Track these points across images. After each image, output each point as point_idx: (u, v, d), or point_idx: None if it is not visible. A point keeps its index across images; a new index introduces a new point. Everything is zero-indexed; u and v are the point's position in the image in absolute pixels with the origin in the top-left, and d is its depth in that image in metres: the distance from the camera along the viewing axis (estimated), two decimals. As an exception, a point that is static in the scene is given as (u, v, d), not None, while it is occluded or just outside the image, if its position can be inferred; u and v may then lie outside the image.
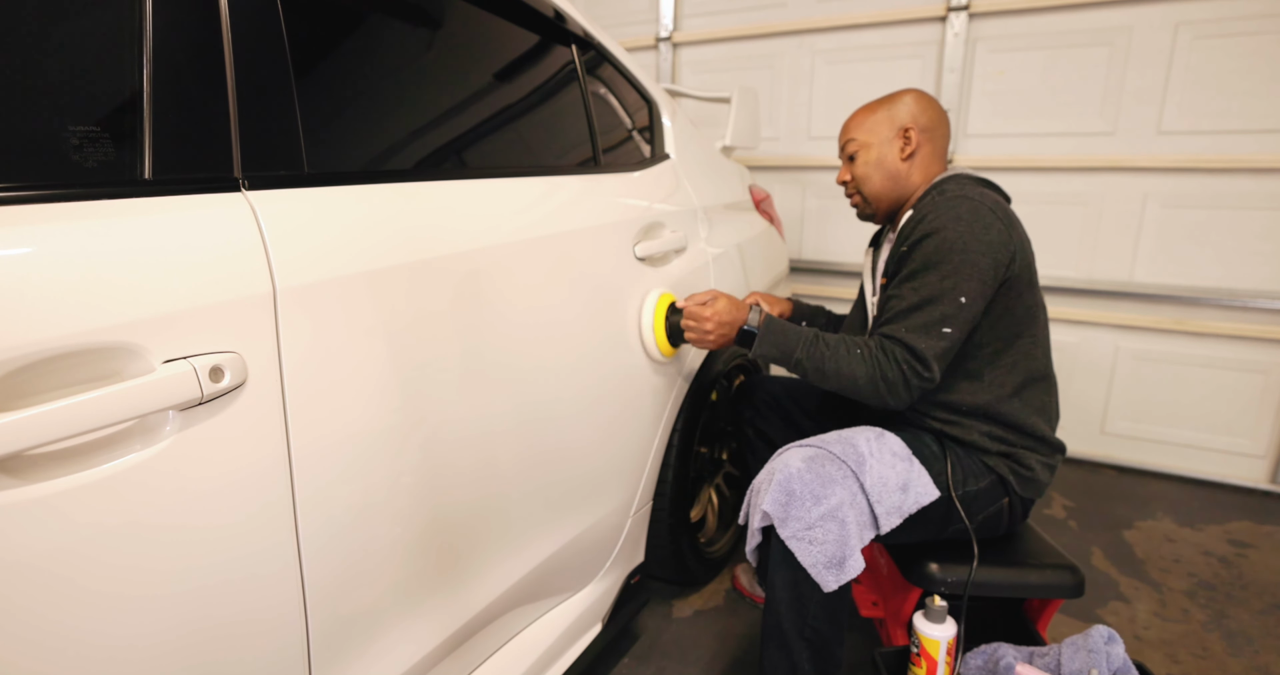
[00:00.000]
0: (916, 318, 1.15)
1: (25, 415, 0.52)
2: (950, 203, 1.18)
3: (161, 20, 0.65)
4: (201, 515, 0.65)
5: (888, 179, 1.33)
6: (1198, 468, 2.37)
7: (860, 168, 1.35)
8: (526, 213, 1.07)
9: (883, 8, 2.53)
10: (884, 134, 1.32)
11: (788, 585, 1.12)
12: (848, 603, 1.14)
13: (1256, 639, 1.57)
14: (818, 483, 1.10)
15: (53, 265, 0.55)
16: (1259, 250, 2.18)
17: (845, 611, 1.14)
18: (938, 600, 1.13)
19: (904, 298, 1.17)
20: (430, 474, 0.89)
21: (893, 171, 1.32)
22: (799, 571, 1.10)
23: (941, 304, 1.13)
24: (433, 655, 0.94)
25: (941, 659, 1.12)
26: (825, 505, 1.09)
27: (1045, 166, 2.39)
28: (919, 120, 1.30)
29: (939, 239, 1.15)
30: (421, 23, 1.02)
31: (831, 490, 1.10)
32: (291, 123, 0.76)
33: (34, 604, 0.55)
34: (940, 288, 1.13)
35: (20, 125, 0.57)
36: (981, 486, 1.21)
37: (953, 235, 1.14)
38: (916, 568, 1.22)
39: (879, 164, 1.32)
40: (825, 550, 1.08)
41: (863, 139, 1.34)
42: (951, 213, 1.16)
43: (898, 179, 1.32)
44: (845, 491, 1.11)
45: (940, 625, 1.12)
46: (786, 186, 2.84)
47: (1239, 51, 2.10)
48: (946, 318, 1.13)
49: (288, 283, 0.70)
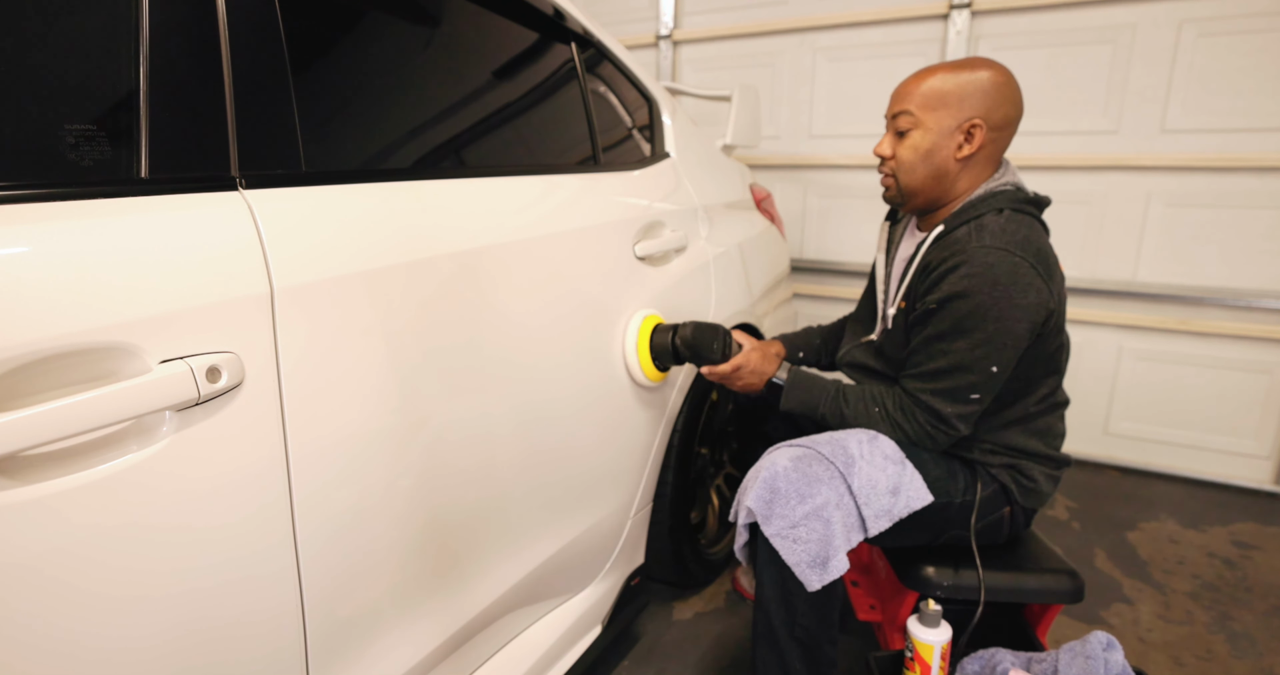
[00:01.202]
0: (944, 382, 1.11)
1: (21, 416, 0.52)
2: (988, 258, 1.06)
3: (158, 19, 0.65)
4: (198, 516, 0.65)
5: (933, 176, 1.16)
6: (1202, 469, 2.37)
7: (907, 151, 1.16)
8: (525, 212, 1.07)
9: (885, 5, 2.53)
10: (946, 122, 1.12)
11: (775, 583, 1.12)
12: (838, 602, 1.14)
13: (1261, 641, 1.57)
14: (803, 482, 1.10)
15: (49, 264, 0.55)
16: (1264, 249, 2.18)
17: (835, 611, 1.14)
18: (932, 604, 1.12)
19: (932, 358, 1.12)
20: (429, 475, 0.89)
21: (941, 170, 1.15)
22: (785, 570, 1.10)
23: (971, 374, 1.09)
24: (431, 657, 0.94)
25: (935, 663, 1.11)
26: (810, 504, 1.08)
27: (1048, 165, 2.39)
28: (992, 116, 1.11)
29: (973, 304, 1.06)
30: (420, 20, 1.02)
31: (817, 490, 1.09)
32: (289, 121, 0.76)
33: (31, 606, 0.55)
34: (972, 357, 1.08)
35: (17, 124, 0.57)
36: (984, 495, 1.21)
37: (988, 302, 1.05)
38: (912, 571, 1.22)
39: (929, 156, 1.14)
40: (809, 549, 1.08)
41: (920, 117, 1.13)
42: (989, 275, 1.05)
43: (944, 179, 1.16)
44: (832, 492, 1.10)
45: (934, 629, 1.11)
46: (788, 185, 2.84)
47: (1244, 49, 2.10)
48: (975, 386, 1.10)
49: (285, 282, 0.70)
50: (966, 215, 1.14)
